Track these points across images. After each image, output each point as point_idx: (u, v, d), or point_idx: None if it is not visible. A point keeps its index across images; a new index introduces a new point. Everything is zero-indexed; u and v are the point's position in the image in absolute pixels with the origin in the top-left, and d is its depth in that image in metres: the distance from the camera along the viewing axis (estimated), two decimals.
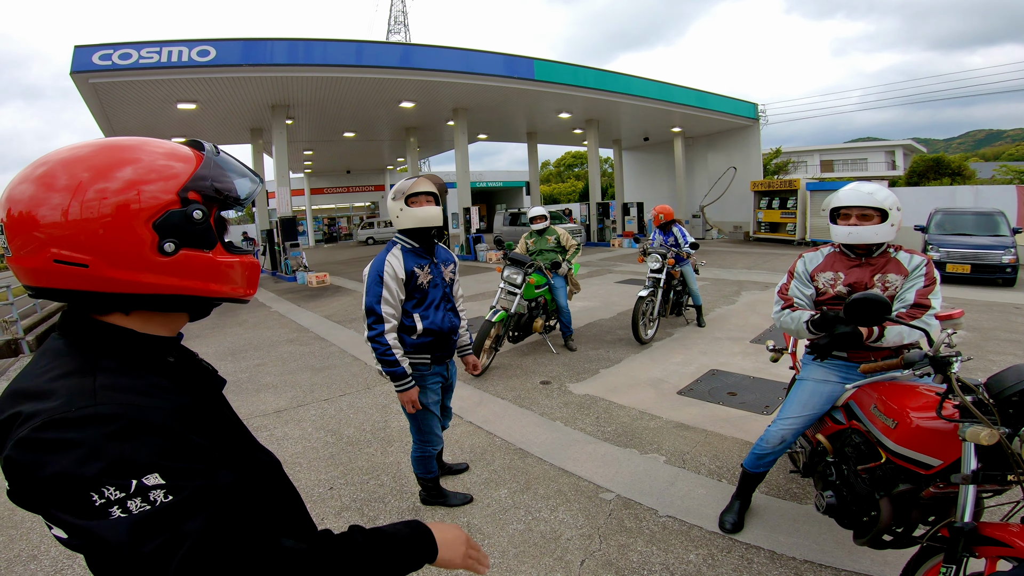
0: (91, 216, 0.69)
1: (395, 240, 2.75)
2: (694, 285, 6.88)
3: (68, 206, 0.68)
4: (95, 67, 10.80)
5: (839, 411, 2.42)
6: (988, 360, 5.09)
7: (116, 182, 0.71)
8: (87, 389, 0.67)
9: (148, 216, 0.73)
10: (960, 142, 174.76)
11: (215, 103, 13.96)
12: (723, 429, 3.85)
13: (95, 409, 0.65)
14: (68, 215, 0.68)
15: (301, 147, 22.56)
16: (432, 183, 2.68)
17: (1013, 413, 1.63)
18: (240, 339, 7.57)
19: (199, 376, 0.88)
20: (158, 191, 0.74)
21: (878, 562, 2.37)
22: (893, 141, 43.31)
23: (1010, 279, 9.30)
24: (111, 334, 0.76)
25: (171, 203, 0.75)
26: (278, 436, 4.09)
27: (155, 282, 0.75)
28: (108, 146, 0.74)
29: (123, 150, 0.74)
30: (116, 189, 0.71)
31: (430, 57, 13.58)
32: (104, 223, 0.70)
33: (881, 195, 2.30)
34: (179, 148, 0.81)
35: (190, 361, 0.89)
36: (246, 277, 0.87)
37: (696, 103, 19.04)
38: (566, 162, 57.67)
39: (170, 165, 0.77)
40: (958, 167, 26.26)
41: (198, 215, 0.77)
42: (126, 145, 0.75)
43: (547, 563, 2.50)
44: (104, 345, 0.75)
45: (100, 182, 0.70)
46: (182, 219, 0.75)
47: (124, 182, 0.71)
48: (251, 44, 11.86)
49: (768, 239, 18.67)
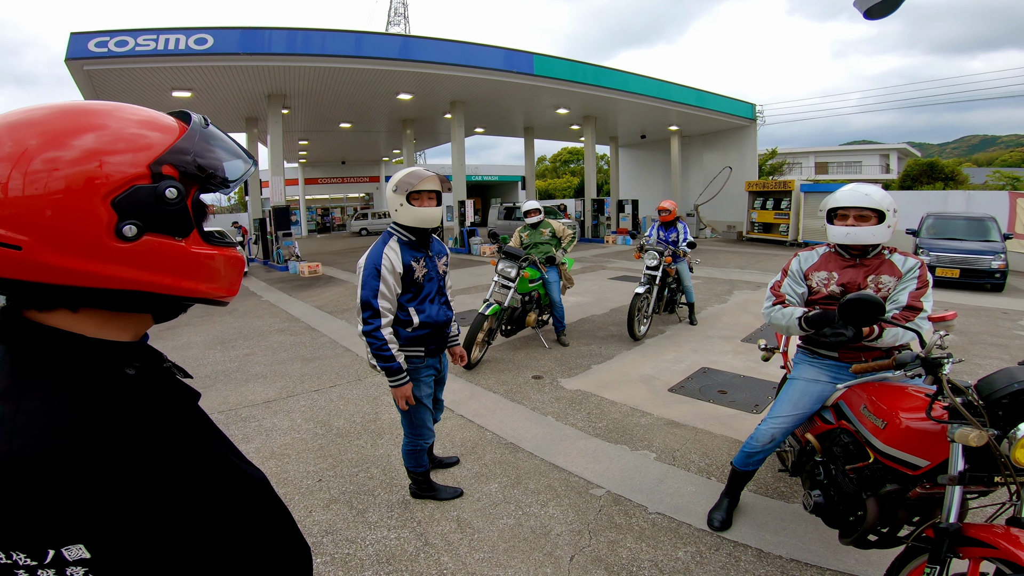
0: (36, 191, 0.56)
1: (391, 231, 2.68)
2: (689, 283, 6.88)
3: (8, 178, 0.56)
4: (91, 54, 10.68)
5: (828, 411, 2.43)
6: (974, 364, 5.14)
7: (72, 151, 0.58)
8: (3, 420, 0.54)
9: (108, 191, 0.59)
10: (954, 147, 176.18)
11: (211, 92, 13.82)
12: (713, 427, 3.86)
13: (7, 449, 0.51)
14: (7, 189, 0.56)
15: (296, 137, 22.40)
16: (439, 182, 2.61)
17: (1002, 415, 1.63)
18: (229, 328, 7.52)
19: (167, 391, 0.71)
20: (124, 163, 0.61)
21: (862, 562, 2.39)
22: (888, 145, 43.60)
23: (999, 284, 9.39)
24: (52, 339, 0.61)
25: (138, 176, 0.61)
26: (267, 427, 4.06)
27: (109, 273, 0.60)
28: (69, 110, 0.62)
29: (87, 115, 0.62)
30: (71, 159, 0.58)
31: (429, 49, 13.49)
32: (51, 199, 0.57)
33: (879, 196, 2.31)
34: (159, 117, 0.69)
35: (155, 371, 0.71)
36: (227, 274, 0.73)
37: (694, 102, 19.03)
38: (562, 158, 57.57)
39: (143, 134, 0.64)
40: (951, 172, 26.44)
41: (172, 193, 0.63)
42: (92, 110, 0.63)
43: (537, 558, 2.50)
44: (41, 355, 0.60)
45: (51, 150, 0.58)
46: (151, 197, 0.62)
47: (82, 151, 0.59)
48: (249, 33, 11.73)
49: (761, 239, 18.77)
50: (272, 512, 0.77)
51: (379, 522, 2.82)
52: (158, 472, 0.59)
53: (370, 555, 2.56)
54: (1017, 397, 1.59)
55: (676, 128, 21.99)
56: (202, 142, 0.70)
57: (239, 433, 3.96)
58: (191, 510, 0.62)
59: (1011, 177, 25.18)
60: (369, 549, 2.60)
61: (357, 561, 2.52)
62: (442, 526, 2.77)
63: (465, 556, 2.53)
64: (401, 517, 2.86)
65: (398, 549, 2.60)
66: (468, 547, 2.60)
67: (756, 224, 19.02)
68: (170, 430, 0.65)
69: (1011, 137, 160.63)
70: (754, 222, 19.08)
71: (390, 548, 2.61)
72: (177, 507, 0.60)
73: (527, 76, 14.85)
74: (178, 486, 0.61)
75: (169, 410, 0.67)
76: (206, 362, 5.83)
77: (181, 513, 0.60)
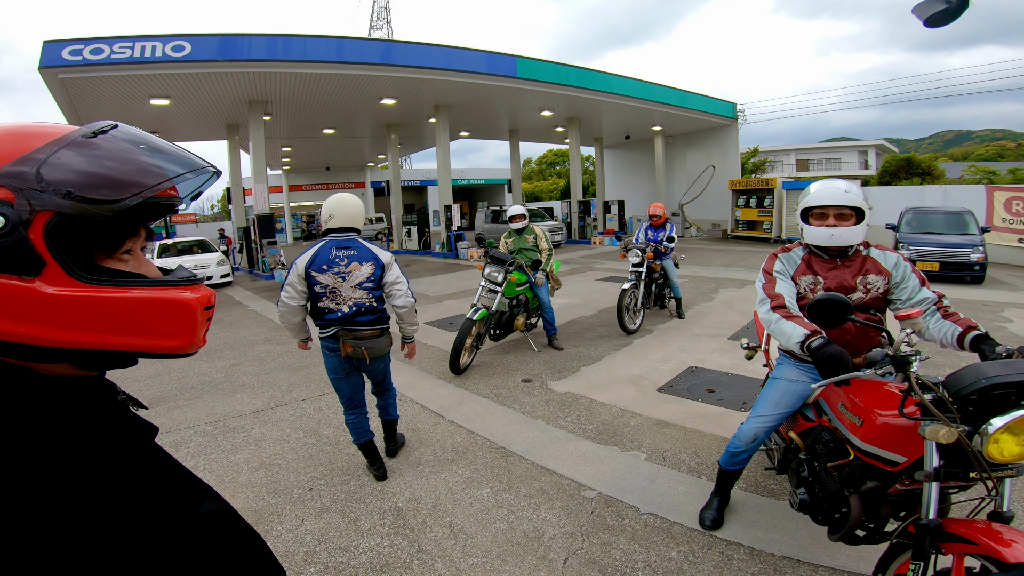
0: None
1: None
2: (675, 278, 7.15)
3: None
4: (65, 62, 10.54)
5: (810, 408, 2.43)
6: (956, 356, 5.23)
7: None
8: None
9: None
10: (930, 142, 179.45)
11: (189, 99, 13.67)
12: (702, 426, 3.90)
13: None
14: None
15: (279, 143, 22.25)
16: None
17: (973, 411, 1.62)
18: (215, 338, 7.43)
19: (115, 430, 0.62)
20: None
21: (853, 557, 2.41)
22: (866, 141, 44.26)
23: (979, 276, 9.58)
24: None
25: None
26: (256, 437, 4.03)
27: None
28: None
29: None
30: None
31: (412, 54, 13.47)
32: None
33: (856, 192, 2.27)
34: (18, 129, 0.58)
35: (105, 408, 0.63)
36: (156, 323, 0.60)
37: (677, 102, 19.21)
38: (548, 160, 57.76)
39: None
40: (928, 167, 26.90)
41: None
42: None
43: (531, 562, 2.51)
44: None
45: None
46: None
47: None
48: (228, 39, 11.62)
49: (745, 237, 18.98)
50: (237, 544, 0.69)
51: (372, 530, 2.81)
52: (101, 528, 0.52)
53: (364, 563, 2.55)
54: (985, 393, 1.58)
55: (660, 128, 22.19)
56: (82, 155, 0.57)
57: (228, 444, 3.91)
58: (128, 559, 0.54)
59: (987, 171, 25.70)
60: (363, 557, 2.59)
61: (351, 569, 2.50)
62: (435, 532, 2.77)
63: (459, 562, 2.53)
64: (394, 524, 2.85)
65: (392, 556, 2.59)
66: (462, 553, 2.60)
67: (740, 222, 19.25)
68: (110, 473, 0.57)
69: (986, 132, 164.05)
70: (738, 220, 19.31)
71: (384, 556, 2.60)
72: (110, 556, 0.52)
73: (511, 79, 14.89)
74: (114, 536, 0.53)
75: (112, 450, 0.59)
76: (192, 373, 5.76)
77: (115, 563, 0.53)
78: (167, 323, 0.61)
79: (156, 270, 0.69)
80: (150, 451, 0.66)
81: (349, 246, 3.06)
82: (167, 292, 0.62)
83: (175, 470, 0.68)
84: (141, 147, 0.63)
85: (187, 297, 0.64)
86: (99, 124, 0.62)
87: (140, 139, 0.65)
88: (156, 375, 5.67)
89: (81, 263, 0.57)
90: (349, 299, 3.05)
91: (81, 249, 0.58)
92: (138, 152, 0.62)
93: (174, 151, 0.68)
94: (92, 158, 0.58)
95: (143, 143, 0.64)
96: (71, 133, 0.59)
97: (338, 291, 3.03)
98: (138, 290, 0.59)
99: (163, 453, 0.69)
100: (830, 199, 2.28)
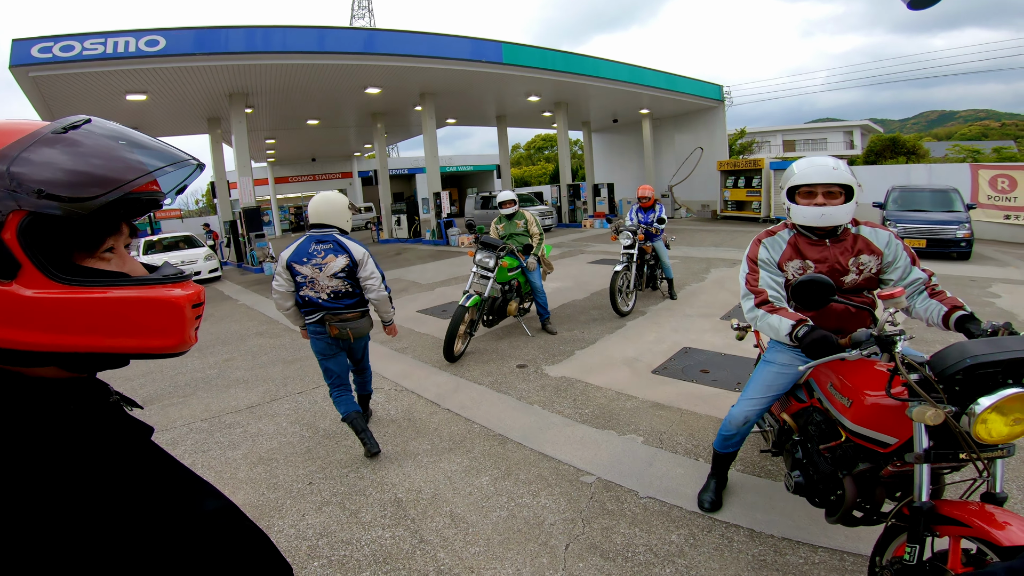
0: None
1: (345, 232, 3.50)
2: (666, 259, 7.23)
3: None
4: (35, 60, 10.25)
5: (801, 389, 2.40)
6: (946, 332, 5.28)
7: None
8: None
9: None
10: (914, 122, 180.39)
11: (167, 93, 13.35)
12: (697, 407, 3.92)
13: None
14: None
15: (263, 136, 21.87)
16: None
17: (959, 391, 1.58)
18: (206, 334, 7.36)
19: (109, 431, 0.61)
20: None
21: (852, 538, 2.41)
22: (851, 121, 44.45)
23: (965, 252, 9.69)
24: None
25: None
26: (252, 432, 4.00)
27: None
28: None
29: None
30: None
31: (395, 42, 13.26)
32: None
33: (844, 169, 2.21)
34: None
35: (98, 409, 0.62)
36: (144, 321, 0.59)
37: (664, 85, 19.12)
38: (536, 145, 57.39)
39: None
40: (913, 147, 27.02)
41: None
42: None
43: (532, 549, 2.52)
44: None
45: None
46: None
47: None
48: (204, 33, 11.36)
49: (735, 217, 19.06)
50: (242, 542, 0.68)
51: (373, 522, 2.81)
52: (84, 527, 0.50)
53: (367, 555, 2.55)
54: (971, 372, 1.53)
55: (647, 111, 22.12)
56: (50, 152, 0.55)
57: (225, 440, 3.89)
58: (130, 561, 0.53)
59: (971, 150, 25.90)
60: (365, 550, 2.59)
61: (354, 562, 2.50)
62: (436, 522, 2.77)
63: (461, 551, 2.54)
64: (395, 516, 2.85)
65: (394, 548, 2.59)
66: (463, 542, 2.61)
67: (729, 202, 19.34)
68: (105, 475, 0.56)
69: (969, 112, 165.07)
70: (727, 200, 19.40)
71: (386, 547, 2.60)
72: (111, 559, 0.52)
73: (496, 65, 14.71)
74: (113, 539, 0.52)
75: (107, 452, 0.58)
76: (185, 370, 5.71)
77: (117, 565, 0.52)
78: (154, 322, 0.60)
79: (141, 268, 0.67)
80: (147, 451, 0.65)
81: (326, 240, 3.41)
82: (152, 290, 0.60)
83: (175, 469, 0.66)
84: (120, 142, 0.61)
85: (174, 295, 0.62)
86: (72, 119, 0.60)
87: (117, 133, 0.63)
88: (148, 373, 5.61)
89: (59, 264, 0.55)
90: (327, 287, 3.39)
91: (59, 249, 0.56)
92: (114, 146, 0.60)
93: (153, 144, 0.65)
94: (64, 154, 0.55)
95: (121, 137, 0.62)
96: (41, 129, 0.56)
97: (316, 280, 3.37)
98: (121, 289, 0.58)
99: (161, 452, 0.67)
100: (818, 177, 2.20)
